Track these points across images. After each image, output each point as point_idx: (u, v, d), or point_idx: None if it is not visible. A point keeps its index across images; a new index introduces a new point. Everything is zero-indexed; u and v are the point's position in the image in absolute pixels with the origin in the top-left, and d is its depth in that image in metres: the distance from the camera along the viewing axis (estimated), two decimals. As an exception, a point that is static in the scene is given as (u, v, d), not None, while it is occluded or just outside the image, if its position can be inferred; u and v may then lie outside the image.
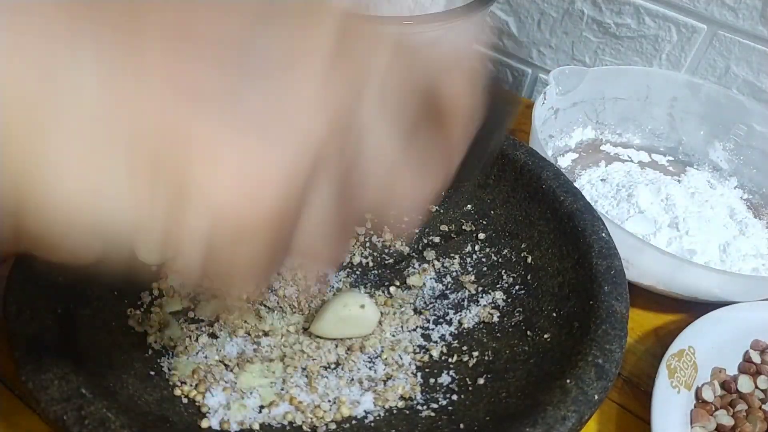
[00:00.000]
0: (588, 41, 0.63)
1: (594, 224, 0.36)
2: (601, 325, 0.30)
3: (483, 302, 0.38)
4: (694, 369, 0.38)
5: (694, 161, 0.57)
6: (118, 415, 0.25)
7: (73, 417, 0.24)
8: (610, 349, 0.29)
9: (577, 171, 0.54)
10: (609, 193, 0.50)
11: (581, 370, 0.29)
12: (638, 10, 0.59)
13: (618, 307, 0.31)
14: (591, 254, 0.34)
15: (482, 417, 0.30)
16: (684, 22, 0.57)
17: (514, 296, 0.37)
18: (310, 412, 0.32)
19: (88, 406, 0.25)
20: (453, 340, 0.36)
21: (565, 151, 0.55)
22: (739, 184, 0.55)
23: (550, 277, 0.36)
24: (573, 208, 0.37)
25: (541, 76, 0.68)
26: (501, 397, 0.31)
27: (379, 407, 0.33)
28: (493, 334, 0.36)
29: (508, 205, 0.40)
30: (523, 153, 0.40)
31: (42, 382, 0.25)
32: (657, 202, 0.49)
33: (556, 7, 0.63)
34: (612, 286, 0.32)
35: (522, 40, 0.67)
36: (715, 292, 0.41)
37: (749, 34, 0.55)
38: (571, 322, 0.33)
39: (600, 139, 0.57)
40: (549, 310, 0.35)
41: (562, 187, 0.38)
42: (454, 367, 0.35)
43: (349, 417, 0.32)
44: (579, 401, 0.27)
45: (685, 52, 0.59)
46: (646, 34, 0.60)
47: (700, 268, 0.40)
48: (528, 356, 0.33)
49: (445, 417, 0.31)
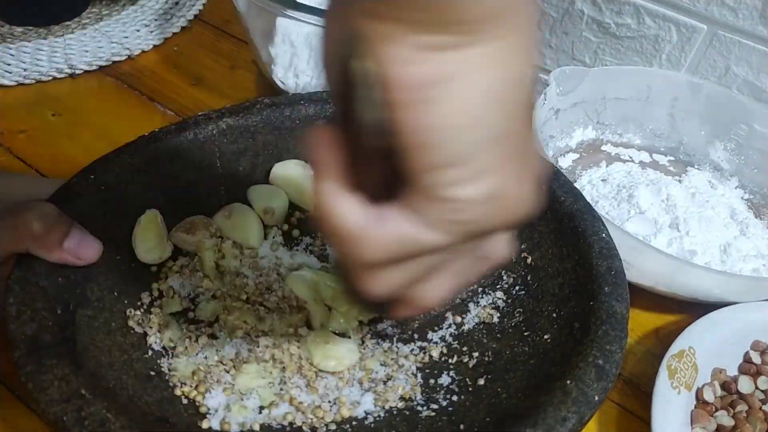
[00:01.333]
0: (588, 41, 0.63)
1: (594, 225, 0.36)
2: (602, 326, 0.30)
3: (483, 303, 0.38)
4: (694, 369, 0.38)
5: (695, 161, 0.57)
6: (118, 416, 0.25)
7: (73, 418, 0.24)
8: (610, 350, 0.29)
9: (578, 171, 0.53)
10: (610, 194, 0.50)
11: (581, 370, 0.29)
12: (638, 10, 0.59)
13: (618, 308, 0.31)
14: (591, 255, 0.34)
15: (482, 418, 0.30)
16: (684, 22, 0.57)
17: (514, 297, 0.37)
18: (311, 413, 0.32)
19: (88, 407, 0.25)
20: (453, 341, 0.36)
21: (566, 152, 0.55)
22: (740, 184, 0.55)
23: (550, 278, 0.36)
24: (573, 208, 0.37)
25: (541, 76, 0.68)
26: (501, 398, 0.31)
27: (379, 408, 0.33)
28: (493, 334, 0.36)
29: (508, 206, 0.40)
30: (523, 153, 0.39)
31: (42, 383, 0.25)
32: (658, 203, 0.49)
33: (556, 7, 0.63)
34: (612, 286, 0.32)
35: (522, 40, 0.67)
36: (715, 292, 0.41)
37: (749, 34, 0.55)
38: (572, 323, 0.32)
39: (601, 139, 0.57)
40: (549, 310, 0.35)
41: (562, 187, 0.38)
42: (455, 368, 0.35)
43: (350, 418, 0.32)
44: (579, 402, 0.27)
45: (685, 52, 0.59)
46: (646, 34, 0.59)
47: (700, 269, 0.40)
48: (528, 357, 0.33)
49: (445, 418, 0.31)
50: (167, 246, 0.37)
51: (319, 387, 0.33)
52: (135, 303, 0.35)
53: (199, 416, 0.31)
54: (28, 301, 0.28)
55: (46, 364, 0.26)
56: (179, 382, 0.32)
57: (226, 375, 0.33)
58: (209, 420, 0.31)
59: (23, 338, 0.27)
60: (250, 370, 0.33)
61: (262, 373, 0.33)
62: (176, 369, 0.33)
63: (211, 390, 0.32)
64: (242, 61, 0.62)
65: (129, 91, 0.57)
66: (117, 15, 0.64)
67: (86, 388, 0.25)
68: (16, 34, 0.61)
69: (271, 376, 0.33)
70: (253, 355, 0.34)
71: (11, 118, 0.52)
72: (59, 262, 0.30)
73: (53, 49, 0.59)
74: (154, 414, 0.29)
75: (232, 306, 0.36)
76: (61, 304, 0.29)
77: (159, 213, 0.37)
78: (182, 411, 0.31)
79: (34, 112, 0.53)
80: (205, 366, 0.33)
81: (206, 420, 0.31)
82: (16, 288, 0.29)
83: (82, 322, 0.30)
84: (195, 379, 0.32)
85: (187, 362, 0.33)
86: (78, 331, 0.29)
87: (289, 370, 0.33)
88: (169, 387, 0.32)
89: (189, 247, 0.38)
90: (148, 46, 0.61)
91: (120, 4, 0.66)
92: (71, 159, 0.49)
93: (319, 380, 0.34)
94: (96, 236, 0.32)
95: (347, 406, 0.32)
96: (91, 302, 0.32)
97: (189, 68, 0.60)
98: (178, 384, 0.32)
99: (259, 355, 0.34)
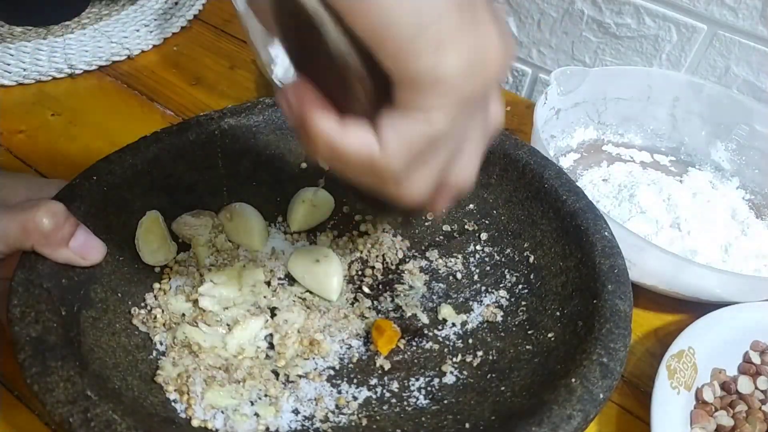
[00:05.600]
0: (588, 41, 0.63)
1: (597, 223, 0.36)
2: (605, 324, 0.31)
3: (486, 302, 0.38)
4: (693, 370, 0.38)
5: (696, 161, 0.57)
6: (124, 417, 0.25)
7: (80, 419, 0.24)
8: (614, 348, 0.29)
9: (579, 171, 0.54)
10: (611, 194, 0.50)
11: (586, 368, 0.29)
12: (638, 10, 0.59)
13: (621, 306, 0.31)
14: (594, 253, 0.34)
15: (487, 416, 0.31)
16: (684, 22, 0.57)
17: (518, 295, 0.37)
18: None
19: (94, 408, 0.25)
20: (457, 340, 0.36)
21: (567, 152, 0.55)
22: (741, 184, 0.55)
23: (553, 277, 0.36)
24: (575, 207, 0.37)
25: (541, 76, 0.69)
26: (506, 397, 0.31)
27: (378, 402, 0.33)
28: (497, 333, 0.36)
29: (510, 205, 0.40)
30: (525, 153, 0.40)
31: (47, 384, 0.25)
32: (659, 203, 0.49)
33: (556, 7, 0.63)
34: (615, 284, 0.32)
35: (522, 40, 0.67)
36: (716, 292, 0.41)
37: (749, 34, 0.55)
38: (575, 321, 0.33)
39: (602, 139, 0.57)
40: (553, 309, 0.35)
41: (564, 186, 0.38)
42: (459, 367, 0.35)
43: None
44: (584, 400, 0.27)
45: (685, 52, 0.59)
46: (646, 34, 0.60)
47: (701, 268, 0.40)
48: (532, 355, 0.33)
49: (450, 417, 0.31)
50: (171, 246, 0.37)
51: (325, 396, 0.33)
52: (139, 303, 0.35)
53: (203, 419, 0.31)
54: (32, 302, 0.28)
55: (51, 366, 0.26)
56: (164, 381, 0.31)
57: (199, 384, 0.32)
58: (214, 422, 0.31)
59: (28, 340, 0.27)
60: (221, 390, 0.32)
61: (233, 393, 0.32)
62: (163, 368, 0.32)
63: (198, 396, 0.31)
64: (242, 61, 0.62)
65: (129, 91, 0.57)
66: (117, 15, 0.64)
67: (92, 390, 0.25)
68: (15, 34, 0.61)
69: (242, 398, 0.32)
70: (227, 376, 0.33)
71: (11, 118, 0.52)
72: (64, 261, 0.30)
73: (53, 49, 0.59)
74: (160, 415, 0.29)
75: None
76: (66, 306, 0.29)
77: (160, 214, 0.37)
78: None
79: (34, 112, 0.53)
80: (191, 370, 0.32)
81: (211, 421, 0.30)
82: (20, 290, 0.29)
83: (87, 324, 0.30)
84: (179, 382, 0.32)
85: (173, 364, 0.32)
86: (82, 332, 0.29)
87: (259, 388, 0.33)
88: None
89: (187, 233, 0.38)
90: (147, 46, 0.61)
91: (120, 4, 0.66)
92: (71, 159, 0.49)
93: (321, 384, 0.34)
94: (99, 237, 0.32)
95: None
96: (95, 303, 0.32)
97: (189, 68, 0.60)
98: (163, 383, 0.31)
99: (234, 376, 0.33)
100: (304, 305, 0.37)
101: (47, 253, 0.30)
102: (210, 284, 0.36)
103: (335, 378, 0.34)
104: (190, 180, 0.39)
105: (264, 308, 0.36)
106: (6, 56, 0.57)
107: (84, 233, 0.31)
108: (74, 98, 0.55)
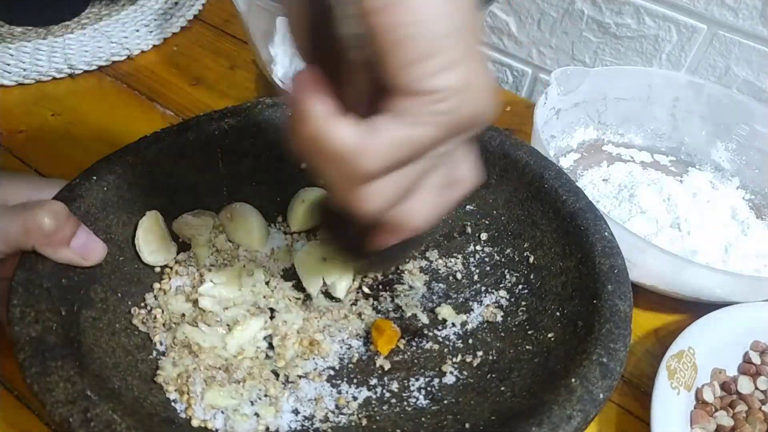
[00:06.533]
0: (588, 41, 0.63)
1: (596, 223, 0.36)
2: (605, 324, 0.31)
3: (486, 302, 0.38)
4: (694, 370, 0.38)
5: (696, 162, 0.57)
6: (124, 417, 0.25)
7: (80, 419, 0.24)
8: (614, 348, 0.29)
9: (579, 171, 0.54)
10: (611, 194, 0.50)
11: (586, 369, 0.29)
12: (638, 10, 0.59)
13: (621, 306, 0.31)
14: (594, 253, 0.34)
15: (487, 416, 0.31)
16: (684, 22, 0.57)
17: (518, 296, 0.37)
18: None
19: (94, 408, 0.25)
20: (457, 340, 0.36)
21: (567, 152, 0.55)
22: (741, 184, 0.55)
23: (553, 277, 0.36)
24: (575, 207, 0.37)
25: (541, 76, 0.69)
26: (506, 397, 0.31)
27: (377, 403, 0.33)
28: (497, 333, 0.36)
29: (510, 205, 0.40)
30: (525, 153, 0.40)
31: (47, 384, 0.25)
32: (659, 203, 0.49)
33: (556, 7, 0.63)
34: (615, 285, 0.32)
35: (522, 40, 0.67)
36: (716, 292, 0.41)
37: (749, 34, 0.55)
38: (575, 321, 0.33)
39: (602, 139, 0.57)
40: (553, 309, 0.35)
41: (564, 186, 0.38)
42: (459, 367, 0.35)
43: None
44: (584, 400, 0.27)
45: (685, 52, 0.59)
46: (646, 34, 0.60)
47: (702, 268, 0.40)
48: (532, 355, 0.33)
49: (450, 417, 0.31)
50: (171, 246, 0.37)
51: (325, 396, 0.33)
52: (139, 303, 0.35)
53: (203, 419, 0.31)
54: (32, 302, 0.28)
55: (51, 366, 0.26)
56: (163, 382, 0.31)
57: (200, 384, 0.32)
58: (214, 422, 0.31)
59: (28, 340, 0.27)
60: (221, 390, 0.32)
61: (233, 393, 0.32)
62: (163, 368, 0.32)
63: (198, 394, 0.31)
64: (242, 61, 0.62)
65: (128, 91, 0.57)
66: (116, 15, 0.64)
67: (92, 390, 0.25)
68: (15, 34, 0.61)
69: (242, 398, 0.32)
70: (228, 376, 0.33)
71: (11, 118, 0.52)
72: (65, 261, 0.30)
73: (53, 49, 0.59)
74: (160, 415, 0.29)
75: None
76: (65, 306, 0.29)
77: (160, 214, 0.37)
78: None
79: (34, 112, 0.53)
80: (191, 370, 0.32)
81: (211, 421, 0.30)
82: (20, 289, 0.28)
83: (87, 324, 0.30)
84: (179, 382, 0.32)
85: (173, 364, 0.32)
86: (82, 332, 0.29)
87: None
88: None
89: (187, 233, 0.38)
90: (147, 46, 0.61)
91: (119, 4, 0.66)
92: (71, 159, 0.49)
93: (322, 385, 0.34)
94: (99, 237, 0.32)
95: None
96: (95, 303, 0.32)
97: (189, 68, 0.60)
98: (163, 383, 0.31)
99: (234, 376, 0.33)
100: (304, 305, 0.37)
101: (48, 253, 0.30)
102: (210, 284, 0.36)
103: (335, 378, 0.34)
104: (190, 180, 0.39)
105: (264, 308, 0.36)
106: (6, 56, 0.57)
107: (85, 233, 0.31)
108: (74, 98, 0.55)
